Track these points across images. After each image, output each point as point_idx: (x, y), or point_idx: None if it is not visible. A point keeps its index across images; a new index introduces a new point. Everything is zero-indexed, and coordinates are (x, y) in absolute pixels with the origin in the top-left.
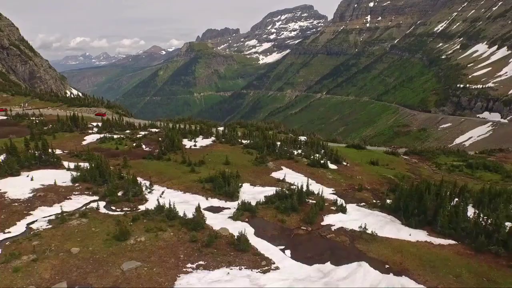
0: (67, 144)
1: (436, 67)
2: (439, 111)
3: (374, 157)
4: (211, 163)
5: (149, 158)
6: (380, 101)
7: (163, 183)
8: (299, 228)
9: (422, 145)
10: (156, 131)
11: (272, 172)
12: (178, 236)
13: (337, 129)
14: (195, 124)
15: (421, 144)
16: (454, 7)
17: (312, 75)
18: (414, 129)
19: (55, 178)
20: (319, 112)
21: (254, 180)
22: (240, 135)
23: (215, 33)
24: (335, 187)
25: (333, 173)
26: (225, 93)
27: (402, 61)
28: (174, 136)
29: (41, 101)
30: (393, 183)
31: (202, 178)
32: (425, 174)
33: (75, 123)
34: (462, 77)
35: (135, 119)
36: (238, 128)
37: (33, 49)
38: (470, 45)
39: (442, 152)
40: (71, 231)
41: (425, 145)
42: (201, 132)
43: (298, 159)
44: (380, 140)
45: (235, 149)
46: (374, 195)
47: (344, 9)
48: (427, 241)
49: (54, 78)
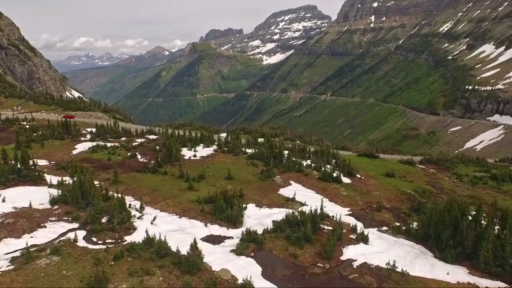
0: (55, 153)
1: (442, 68)
2: (448, 113)
3: (388, 167)
4: (212, 178)
5: (144, 171)
6: (386, 103)
7: (157, 204)
8: (315, 266)
9: (431, 149)
10: (154, 138)
11: (280, 189)
12: (169, 283)
13: (343, 132)
14: (196, 130)
15: (431, 148)
16: (459, 7)
17: (316, 76)
18: (422, 132)
19: (32, 199)
20: (324, 114)
21: (260, 199)
22: (243, 143)
23: (218, 34)
24: (351, 206)
25: (347, 188)
26: (228, 95)
27: (408, 61)
28: (172, 145)
29: (35, 104)
30: (414, 199)
31: (201, 197)
32: (447, 187)
33: (66, 129)
34: (470, 79)
35: (133, 124)
36: (241, 134)
37: (33, 49)
38: (477, 45)
39: (460, 161)
40: (36, 276)
41: (434, 149)
42: (202, 140)
43: (307, 172)
44: (388, 144)
45: (239, 160)
46: (395, 216)
47: (348, 9)
48: (470, 283)
49: (54, 79)
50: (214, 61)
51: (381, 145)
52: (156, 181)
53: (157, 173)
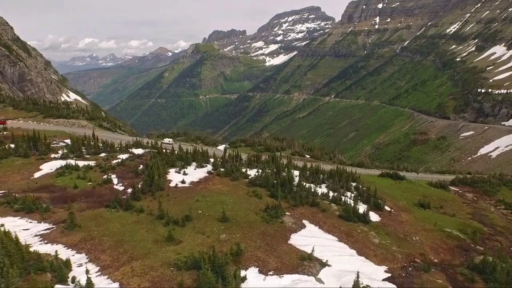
0: (11, 177)
1: (450, 70)
2: (459, 117)
3: (419, 193)
4: (201, 219)
5: (114, 206)
6: (392, 105)
7: (117, 270)
8: None
9: (442, 155)
10: (139, 153)
11: (291, 235)
12: None
13: (347, 135)
14: (191, 141)
15: (442, 154)
16: (467, 8)
17: (319, 78)
18: (432, 137)
19: None
20: (327, 116)
21: (265, 257)
22: (244, 161)
23: (221, 35)
24: (388, 262)
25: (378, 232)
26: (231, 96)
27: (414, 63)
28: (155, 170)
29: (14, 110)
30: (467, 247)
31: (182, 258)
32: (499, 223)
33: (34, 144)
34: (482, 81)
35: (122, 134)
36: (242, 146)
37: (28, 50)
38: (487, 47)
39: (500, 181)
40: None
41: (446, 155)
42: (194, 158)
43: (325, 206)
44: (396, 149)
45: (238, 187)
46: (450, 279)
47: (352, 10)
48: None
49: (49, 80)
50: (216, 62)
51: (388, 150)
52: (127, 224)
53: (131, 209)
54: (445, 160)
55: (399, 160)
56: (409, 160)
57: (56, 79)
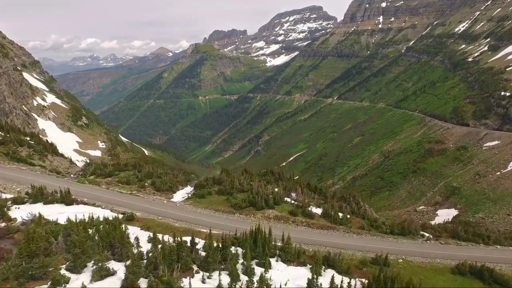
0: None
1: (462, 71)
2: (480, 124)
3: None
4: None
5: None
6: (399, 108)
7: None
8: None
9: (465, 168)
10: (26, 219)
11: None
12: None
13: (351, 140)
14: (136, 182)
15: (464, 167)
16: (476, 6)
17: (322, 79)
18: (450, 146)
19: None
20: (330, 118)
21: None
22: (201, 249)
23: (222, 35)
24: None
25: None
26: (231, 97)
27: (421, 64)
28: None
29: None
30: None
31: None
32: None
33: None
34: (504, 83)
35: (40, 170)
36: (213, 195)
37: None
38: (502, 46)
39: None
40: None
41: (469, 168)
42: (96, 250)
43: None
44: (409, 159)
45: None
46: None
47: (355, 9)
48: None
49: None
50: (217, 63)
51: (400, 161)
52: None
53: None
54: (468, 174)
55: (414, 173)
56: (426, 174)
57: (42, 80)
